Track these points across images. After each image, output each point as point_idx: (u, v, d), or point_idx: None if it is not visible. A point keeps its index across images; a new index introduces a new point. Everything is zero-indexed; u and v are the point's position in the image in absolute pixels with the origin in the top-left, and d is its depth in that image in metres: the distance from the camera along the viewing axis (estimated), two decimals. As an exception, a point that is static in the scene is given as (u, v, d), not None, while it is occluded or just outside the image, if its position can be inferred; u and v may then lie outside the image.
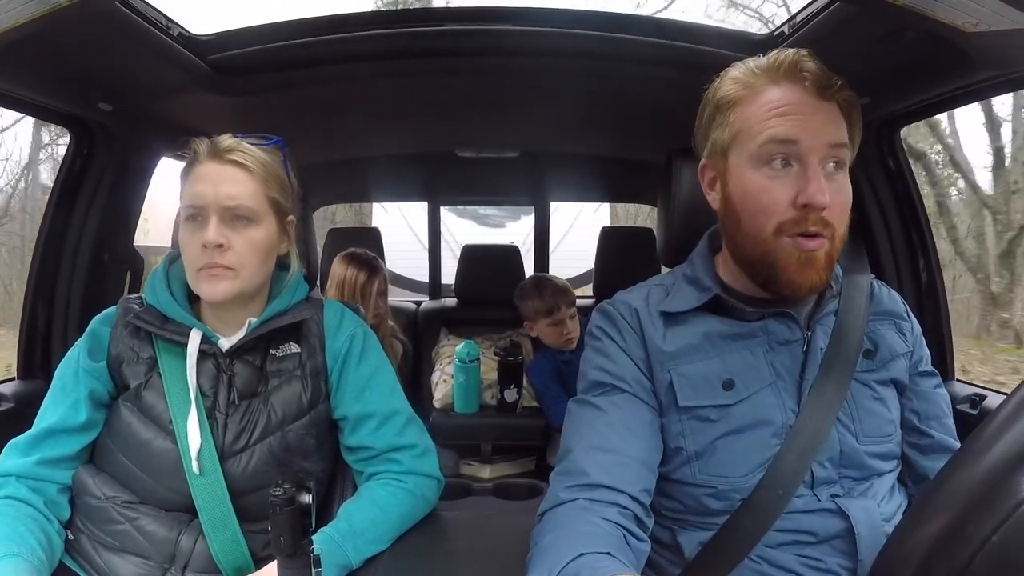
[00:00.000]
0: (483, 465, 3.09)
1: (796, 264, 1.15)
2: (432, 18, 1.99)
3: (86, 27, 1.51)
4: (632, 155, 3.34)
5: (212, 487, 1.38)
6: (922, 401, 1.32)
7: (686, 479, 1.22)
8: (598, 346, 1.32)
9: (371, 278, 3.01)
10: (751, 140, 1.17)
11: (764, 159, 1.16)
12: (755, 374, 1.22)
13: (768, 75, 1.18)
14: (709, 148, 1.26)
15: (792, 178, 1.14)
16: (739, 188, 1.19)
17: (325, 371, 1.52)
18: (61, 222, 2.20)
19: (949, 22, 1.32)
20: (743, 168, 1.19)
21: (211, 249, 1.37)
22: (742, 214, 1.19)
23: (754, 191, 1.17)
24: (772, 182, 1.15)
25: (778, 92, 1.17)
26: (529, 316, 3.17)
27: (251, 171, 1.42)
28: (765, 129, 1.15)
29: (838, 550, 1.16)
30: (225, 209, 1.38)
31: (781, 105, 1.15)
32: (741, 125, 1.19)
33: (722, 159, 1.22)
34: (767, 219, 1.16)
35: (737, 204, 1.20)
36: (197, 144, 1.44)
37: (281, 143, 1.52)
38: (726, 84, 1.23)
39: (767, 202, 1.15)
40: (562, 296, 3.10)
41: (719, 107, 1.22)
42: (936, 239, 2.21)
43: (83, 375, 1.44)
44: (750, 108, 1.18)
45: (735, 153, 1.20)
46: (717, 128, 1.22)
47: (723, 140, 1.21)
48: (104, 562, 1.39)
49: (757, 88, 1.18)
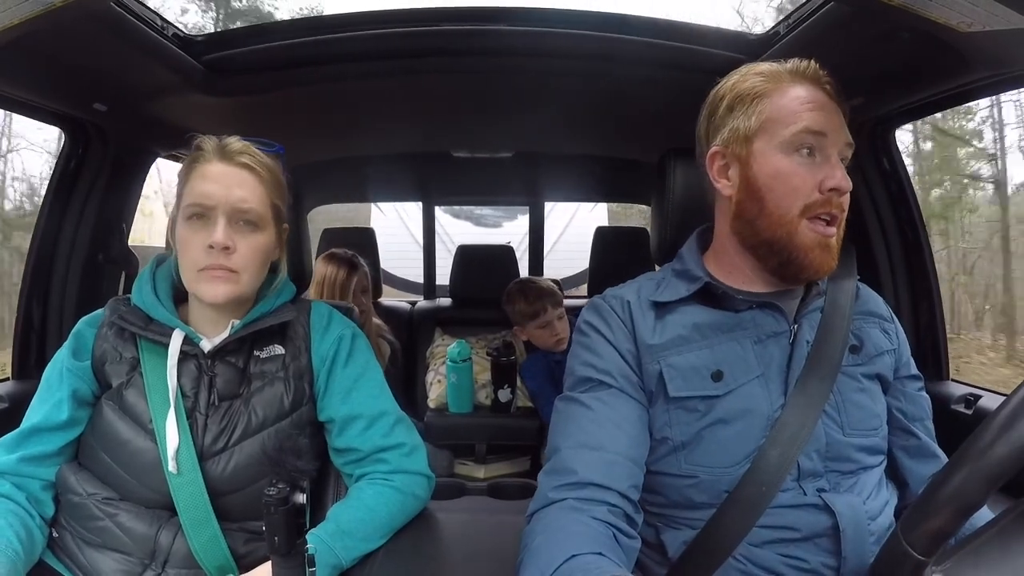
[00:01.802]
0: (478, 465, 3.09)
1: (817, 248, 1.22)
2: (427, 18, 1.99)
3: (81, 27, 1.51)
4: (626, 155, 3.34)
5: (191, 487, 1.37)
6: (909, 402, 1.36)
7: (671, 470, 1.23)
8: (585, 342, 1.34)
9: (350, 275, 3.01)
10: (784, 128, 1.22)
11: (795, 146, 1.22)
12: (743, 365, 1.24)
13: (792, 75, 1.26)
14: (727, 135, 1.29)
15: (816, 166, 1.22)
16: (766, 171, 1.24)
17: (311, 373, 1.52)
18: (55, 222, 2.20)
19: (944, 22, 1.33)
20: (772, 153, 1.24)
21: (217, 250, 1.36)
22: (767, 196, 1.24)
23: (785, 173, 1.22)
24: (801, 167, 1.22)
25: (804, 90, 1.24)
26: (517, 320, 3.17)
27: (261, 176, 1.42)
28: (800, 119, 1.21)
29: (822, 548, 1.17)
30: (235, 211, 1.38)
31: (810, 101, 1.23)
32: (772, 114, 1.24)
33: (744, 145, 1.27)
34: (795, 200, 1.22)
35: (763, 186, 1.24)
36: (203, 142, 1.43)
37: (282, 151, 1.52)
38: (750, 78, 1.28)
39: (798, 184, 1.21)
40: (548, 298, 3.09)
41: (742, 98, 1.28)
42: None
43: (67, 375, 1.44)
44: (780, 100, 1.24)
45: (762, 139, 1.25)
46: (740, 116, 1.27)
47: (748, 127, 1.26)
48: (87, 559, 1.39)
49: (784, 84, 1.26)
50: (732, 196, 1.30)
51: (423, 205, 4.29)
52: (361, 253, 3.21)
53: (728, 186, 1.30)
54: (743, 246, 1.30)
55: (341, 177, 3.70)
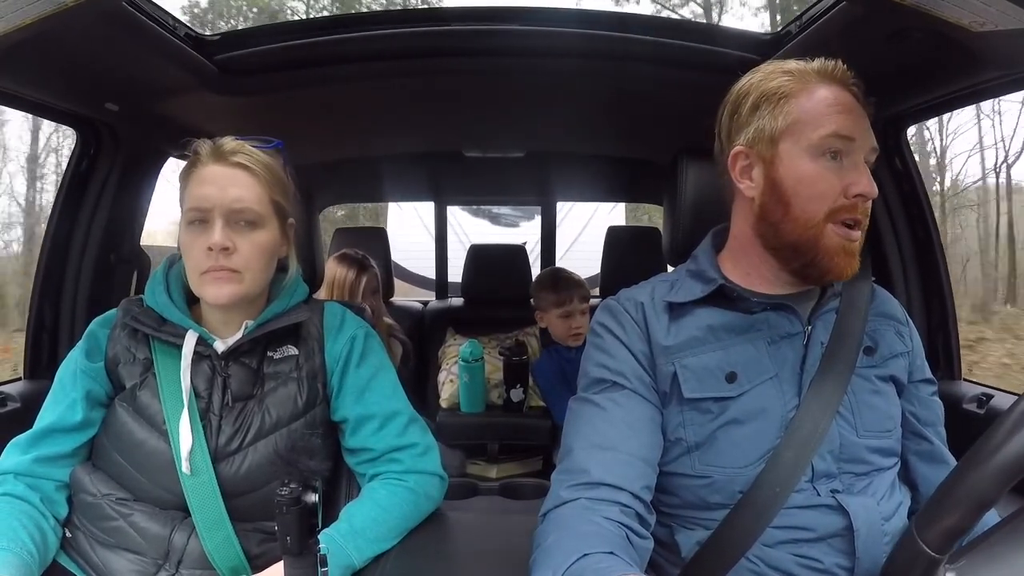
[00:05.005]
0: (490, 465, 3.08)
1: (841, 252, 1.20)
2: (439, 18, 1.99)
3: (92, 27, 1.51)
4: (638, 155, 3.33)
5: (204, 488, 1.38)
6: (922, 407, 1.35)
7: (685, 471, 1.23)
8: (599, 343, 1.33)
9: (359, 276, 3.02)
10: (812, 131, 1.20)
11: (822, 150, 1.20)
12: (757, 367, 1.24)
13: (819, 76, 1.23)
14: (752, 135, 1.26)
15: (843, 170, 1.20)
16: (793, 174, 1.22)
17: (324, 374, 1.51)
18: (67, 223, 2.22)
19: (956, 21, 1.32)
20: (799, 156, 1.21)
21: (217, 252, 1.36)
22: (793, 199, 1.22)
23: (812, 178, 1.20)
24: (828, 172, 1.20)
25: (832, 93, 1.22)
26: (541, 306, 3.17)
27: (256, 174, 1.42)
28: (829, 123, 1.19)
29: (836, 548, 1.16)
30: (231, 212, 1.38)
31: (838, 103, 1.21)
32: (799, 115, 1.21)
33: (770, 146, 1.24)
34: (821, 205, 1.19)
35: (789, 190, 1.22)
36: (199, 146, 1.43)
37: (281, 146, 1.51)
38: (776, 76, 1.25)
39: (824, 188, 1.19)
40: (577, 289, 3.11)
41: (767, 97, 1.25)
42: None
43: (80, 376, 1.45)
44: (808, 102, 1.21)
45: (789, 141, 1.22)
46: (766, 116, 1.24)
47: (774, 128, 1.23)
48: (100, 559, 1.40)
49: (811, 85, 1.23)
50: (755, 198, 1.27)
51: (435, 205, 4.29)
52: (373, 253, 3.22)
53: (751, 187, 1.28)
54: (765, 248, 1.28)
55: (353, 177, 3.71)
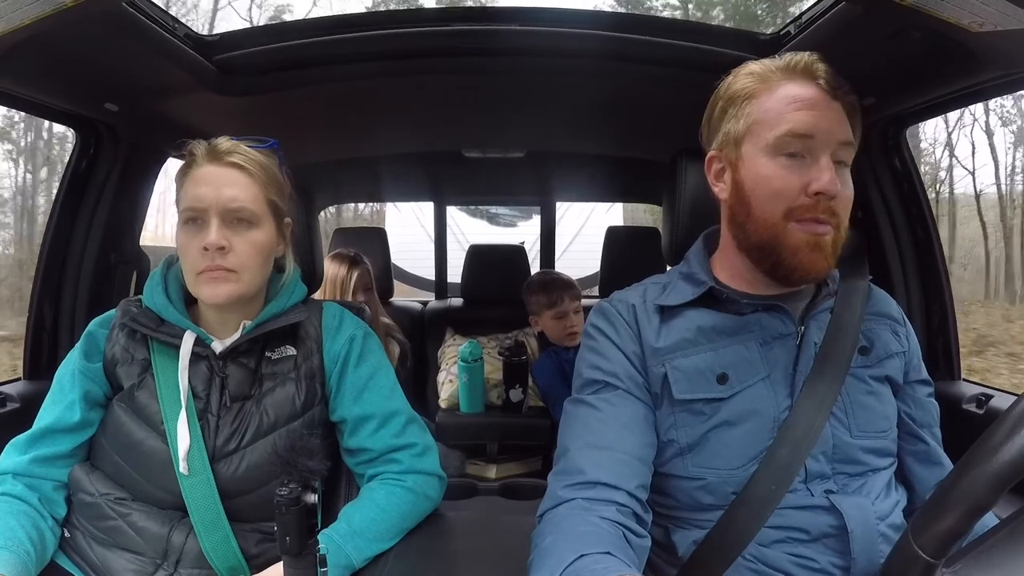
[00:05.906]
0: (489, 465, 3.09)
1: (806, 248, 1.19)
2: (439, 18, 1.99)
3: (92, 27, 1.52)
4: (638, 155, 3.32)
5: (202, 488, 1.38)
6: (918, 408, 1.35)
7: (679, 472, 1.23)
8: (592, 344, 1.34)
9: (350, 271, 3.02)
10: (769, 131, 1.20)
11: (780, 149, 1.19)
12: (749, 367, 1.24)
13: (784, 72, 1.23)
14: (720, 140, 1.28)
15: (803, 168, 1.18)
16: (752, 175, 1.22)
17: (322, 374, 1.52)
18: (67, 223, 2.22)
19: (955, 21, 1.32)
20: (757, 157, 1.22)
21: (212, 252, 1.36)
22: (753, 200, 1.22)
23: (768, 177, 1.20)
24: (785, 170, 1.19)
25: (795, 88, 1.21)
26: (534, 310, 3.20)
27: (251, 174, 1.42)
28: (784, 122, 1.18)
29: (831, 548, 1.17)
30: (227, 211, 1.38)
31: (798, 100, 1.19)
32: (758, 116, 1.22)
33: (734, 149, 1.25)
34: (778, 204, 1.19)
35: (748, 191, 1.23)
36: (194, 146, 1.43)
37: (277, 146, 1.51)
38: (741, 79, 1.26)
39: (780, 187, 1.19)
40: (567, 290, 3.14)
41: (733, 100, 1.26)
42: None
43: (79, 376, 1.45)
44: (768, 101, 1.22)
45: (750, 142, 1.23)
46: (731, 120, 1.26)
47: (737, 131, 1.24)
48: (99, 558, 1.40)
49: (773, 83, 1.22)
50: (727, 200, 1.29)
51: (435, 205, 4.30)
52: (371, 253, 3.22)
53: (724, 190, 1.30)
54: (739, 249, 1.29)
55: (352, 177, 3.72)
